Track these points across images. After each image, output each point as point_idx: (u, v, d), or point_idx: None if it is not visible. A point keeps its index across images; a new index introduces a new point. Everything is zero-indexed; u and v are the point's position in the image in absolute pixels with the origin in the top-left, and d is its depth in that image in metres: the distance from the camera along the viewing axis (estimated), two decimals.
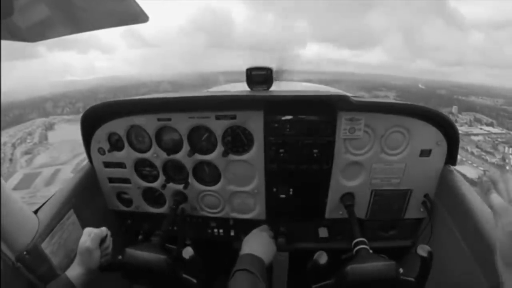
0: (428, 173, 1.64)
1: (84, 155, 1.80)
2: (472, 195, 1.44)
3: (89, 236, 1.31)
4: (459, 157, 1.62)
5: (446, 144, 1.57)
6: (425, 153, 1.59)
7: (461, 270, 1.37)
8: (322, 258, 1.28)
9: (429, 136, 1.56)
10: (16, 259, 1.22)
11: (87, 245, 1.28)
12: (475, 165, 52.77)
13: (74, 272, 1.26)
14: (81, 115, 1.67)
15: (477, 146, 60.83)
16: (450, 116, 1.69)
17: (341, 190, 1.71)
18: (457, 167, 1.63)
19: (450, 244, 1.49)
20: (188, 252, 1.33)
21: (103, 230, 1.38)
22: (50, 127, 72.01)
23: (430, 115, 1.51)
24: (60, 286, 1.21)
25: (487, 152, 58.19)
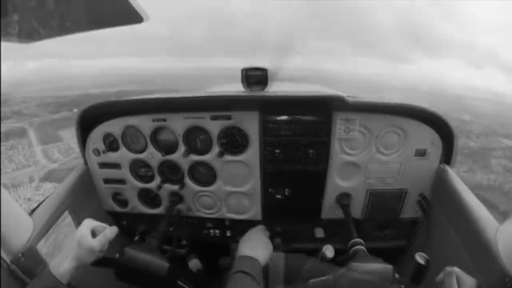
0: (424, 172, 1.64)
1: None
2: (468, 194, 1.44)
3: (97, 235, 1.24)
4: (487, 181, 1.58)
5: (441, 144, 1.58)
6: (421, 152, 1.60)
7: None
8: (330, 252, 1.28)
9: (424, 136, 1.56)
10: (12, 261, 1.21)
11: (92, 245, 1.20)
12: None
13: (65, 264, 1.17)
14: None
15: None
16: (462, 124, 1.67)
17: (337, 190, 1.72)
18: None
19: (445, 243, 1.49)
20: (196, 265, 1.33)
21: (114, 232, 1.28)
22: None
23: (425, 115, 1.52)
24: (44, 282, 1.13)
25: None
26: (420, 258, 1.17)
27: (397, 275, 1.20)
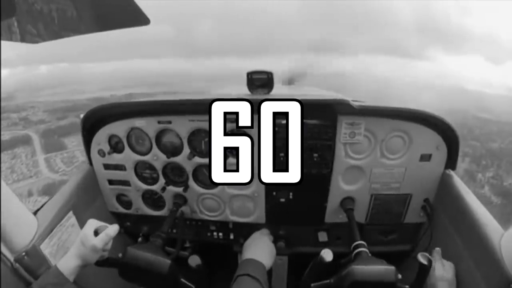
0: (428, 177, 1.64)
1: None
2: (472, 200, 1.43)
3: (99, 234, 1.25)
4: None
5: (446, 149, 1.58)
6: (425, 157, 1.59)
7: (461, 274, 1.36)
8: (328, 255, 1.27)
9: (429, 140, 1.56)
10: (15, 260, 1.21)
11: (95, 243, 1.21)
12: None
13: (70, 263, 1.20)
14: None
15: None
16: None
17: (341, 194, 1.71)
18: None
19: (449, 248, 1.48)
20: (195, 260, 1.33)
21: (115, 230, 1.29)
22: None
23: (430, 119, 1.52)
24: (50, 279, 1.15)
25: None
26: (423, 258, 1.17)
27: (399, 276, 1.19)
